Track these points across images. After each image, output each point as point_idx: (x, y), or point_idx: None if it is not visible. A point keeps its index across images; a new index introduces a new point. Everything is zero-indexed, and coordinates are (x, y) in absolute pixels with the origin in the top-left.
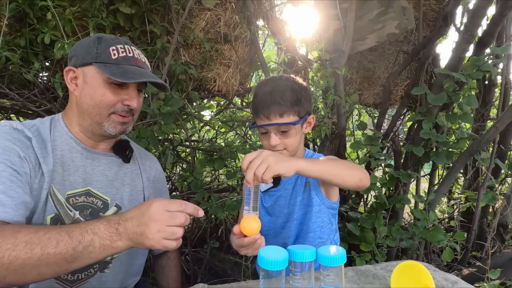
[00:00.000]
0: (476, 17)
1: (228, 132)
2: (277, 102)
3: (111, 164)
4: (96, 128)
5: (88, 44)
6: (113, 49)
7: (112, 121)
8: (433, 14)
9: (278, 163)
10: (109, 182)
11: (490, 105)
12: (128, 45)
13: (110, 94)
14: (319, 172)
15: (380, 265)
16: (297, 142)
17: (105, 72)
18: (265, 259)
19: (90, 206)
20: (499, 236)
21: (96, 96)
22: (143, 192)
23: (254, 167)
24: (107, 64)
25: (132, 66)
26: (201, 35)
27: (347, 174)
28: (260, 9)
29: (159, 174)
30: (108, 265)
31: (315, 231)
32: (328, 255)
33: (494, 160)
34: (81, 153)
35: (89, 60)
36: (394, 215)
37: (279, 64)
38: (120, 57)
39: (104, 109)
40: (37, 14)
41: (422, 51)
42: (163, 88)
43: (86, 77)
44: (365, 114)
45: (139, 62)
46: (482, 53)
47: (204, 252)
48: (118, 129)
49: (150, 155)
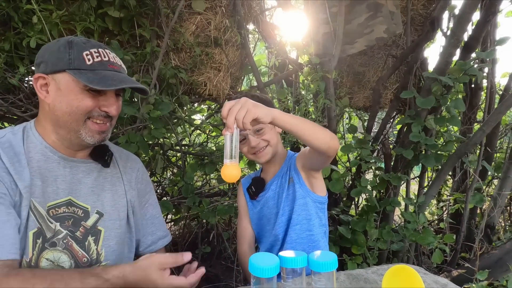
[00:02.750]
0: (462, 22)
1: (219, 136)
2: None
3: (90, 171)
4: (74, 137)
5: (58, 49)
6: (86, 54)
7: (89, 130)
8: (420, 19)
9: (256, 107)
10: (88, 189)
11: (477, 108)
12: (102, 49)
13: (88, 100)
14: (293, 124)
15: (372, 269)
16: (275, 137)
17: (81, 79)
18: (256, 266)
19: (71, 216)
20: (486, 237)
21: (73, 103)
22: (125, 196)
23: (235, 112)
24: (82, 70)
25: (109, 71)
26: (191, 39)
27: (319, 131)
28: (251, 13)
29: (141, 174)
30: None
31: (302, 224)
32: (319, 260)
33: (481, 163)
34: (58, 162)
35: (61, 67)
36: (385, 217)
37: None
38: (95, 62)
39: (80, 115)
40: (22, 18)
41: (410, 55)
42: (143, 92)
43: (59, 84)
44: (356, 117)
45: (116, 66)
46: (468, 57)
47: (195, 258)
48: (97, 139)
49: (131, 155)
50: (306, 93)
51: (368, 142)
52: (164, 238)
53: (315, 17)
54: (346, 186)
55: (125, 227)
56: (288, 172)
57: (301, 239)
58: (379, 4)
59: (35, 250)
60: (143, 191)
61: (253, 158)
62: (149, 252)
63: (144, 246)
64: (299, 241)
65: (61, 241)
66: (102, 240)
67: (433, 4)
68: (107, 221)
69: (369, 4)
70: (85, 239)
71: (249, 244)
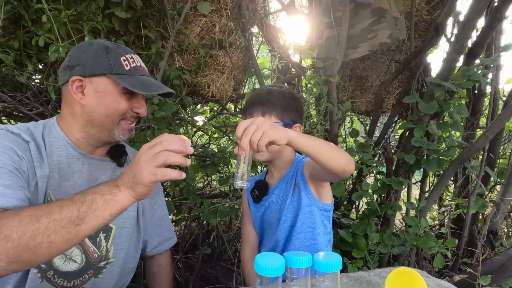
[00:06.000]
0: (466, 29)
1: (221, 138)
2: (261, 102)
3: (106, 169)
4: (105, 135)
5: (96, 53)
6: (124, 60)
7: (122, 128)
8: (424, 25)
9: (272, 129)
10: None
11: (480, 114)
12: (133, 54)
13: (124, 102)
14: (309, 147)
15: (374, 272)
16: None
17: (125, 84)
18: (262, 265)
19: None
20: (489, 243)
21: (111, 105)
22: None
23: (250, 133)
24: (122, 75)
25: (144, 77)
26: (196, 40)
27: (335, 155)
28: (255, 16)
29: None
30: (102, 270)
31: (306, 232)
32: (324, 261)
33: (484, 168)
34: (78, 158)
35: (102, 71)
36: (386, 221)
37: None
38: (132, 68)
39: (117, 117)
40: (32, 17)
41: (413, 60)
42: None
43: (98, 87)
44: (357, 121)
45: (145, 71)
46: (472, 63)
47: (195, 259)
48: (127, 136)
49: None
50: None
51: (369, 146)
52: (170, 240)
53: (319, 21)
54: (347, 190)
55: (134, 227)
56: (294, 177)
57: (305, 247)
58: (383, 9)
59: None
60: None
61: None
62: (156, 253)
63: (151, 247)
64: (302, 250)
65: None
66: (112, 237)
67: (437, 10)
68: (118, 220)
69: (373, 9)
70: (96, 235)
71: (252, 248)
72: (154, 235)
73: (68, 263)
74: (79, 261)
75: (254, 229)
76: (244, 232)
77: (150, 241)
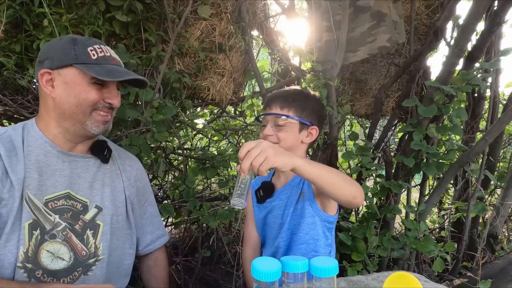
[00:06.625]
0: (465, 33)
1: (221, 141)
2: (283, 97)
3: (89, 166)
4: (79, 128)
5: (63, 46)
6: (91, 50)
7: (94, 120)
8: (424, 29)
9: (276, 156)
10: (88, 184)
11: (480, 118)
12: (103, 45)
13: (93, 92)
14: (315, 175)
15: (372, 276)
16: (291, 140)
17: (90, 72)
18: (258, 270)
19: (70, 209)
20: (489, 247)
21: (80, 95)
22: (124, 192)
23: (252, 156)
24: (88, 64)
25: (113, 65)
26: (196, 44)
27: (342, 186)
28: (255, 20)
29: (140, 173)
30: (92, 267)
31: (308, 243)
32: (321, 266)
33: (483, 172)
34: (57, 156)
35: (68, 62)
36: (385, 225)
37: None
38: (99, 57)
39: (87, 107)
40: (34, 21)
41: (413, 64)
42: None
43: (66, 79)
44: (357, 124)
45: (116, 61)
46: (472, 67)
47: (195, 262)
48: (101, 128)
49: (130, 154)
50: None
51: (369, 149)
52: (163, 237)
53: (318, 24)
54: None
55: (124, 223)
56: (300, 185)
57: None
58: (383, 13)
59: (31, 241)
60: (142, 190)
61: None
62: (149, 251)
63: (143, 245)
64: None
65: (60, 233)
66: (101, 234)
67: (437, 14)
68: (105, 216)
69: (372, 13)
70: (83, 233)
71: (253, 249)
72: (146, 233)
73: (56, 262)
74: (68, 259)
75: (256, 230)
76: (246, 232)
77: (143, 238)
